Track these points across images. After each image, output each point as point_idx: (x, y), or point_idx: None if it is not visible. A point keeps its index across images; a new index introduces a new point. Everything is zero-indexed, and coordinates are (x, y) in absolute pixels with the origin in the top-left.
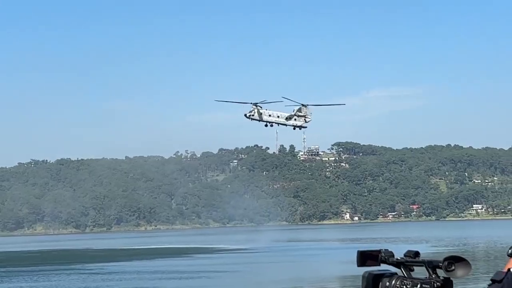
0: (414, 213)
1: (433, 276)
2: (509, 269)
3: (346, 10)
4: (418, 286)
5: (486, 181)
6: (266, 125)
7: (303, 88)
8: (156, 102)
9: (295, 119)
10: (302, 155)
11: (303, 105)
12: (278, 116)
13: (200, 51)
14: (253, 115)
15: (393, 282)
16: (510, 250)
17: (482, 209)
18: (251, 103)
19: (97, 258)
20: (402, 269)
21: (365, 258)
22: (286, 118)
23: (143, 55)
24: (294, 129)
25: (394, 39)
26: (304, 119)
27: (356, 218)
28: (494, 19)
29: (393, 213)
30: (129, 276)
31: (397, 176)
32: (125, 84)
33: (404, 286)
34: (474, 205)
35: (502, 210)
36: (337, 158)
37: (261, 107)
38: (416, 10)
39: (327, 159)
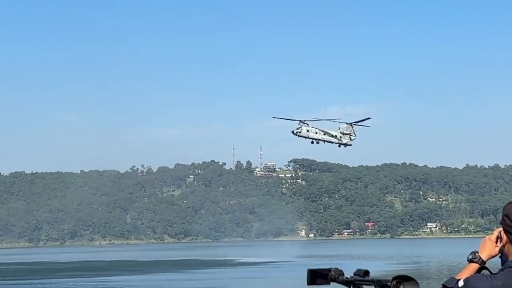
0: (369, 230)
1: None
2: (459, 280)
3: (307, 25)
4: None
5: (440, 199)
6: (312, 142)
7: (265, 105)
8: (113, 115)
9: (340, 137)
10: (258, 171)
11: (348, 123)
12: (324, 134)
13: (159, 65)
14: (300, 132)
15: None
16: (470, 256)
17: (436, 227)
18: (299, 121)
19: (63, 272)
20: None
21: (315, 276)
22: (332, 136)
23: (100, 67)
24: (339, 146)
25: (352, 57)
26: (349, 137)
27: (312, 235)
28: (448, 39)
29: (348, 230)
30: None
31: (352, 194)
32: (81, 96)
33: None
34: (428, 224)
35: (456, 229)
36: (293, 175)
37: (307, 125)
38: (374, 30)
39: (283, 175)
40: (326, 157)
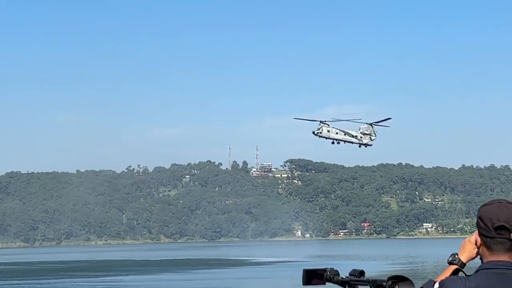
0: (365, 230)
1: None
2: (435, 282)
3: (305, 25)
4: None
5: (436, 200)
6: (332, 142)
7: (261, 105)
8: (109, 115)
9: (361, 137)
10: (254, 171)
11: (368, 124)
12: (344, 134)
13: (155, 65)
14: (320, 133)
15: None
16: (450, 258)
17: (432, 227)
18: (319, 121)
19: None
20: None
21: (310, 276)
22: (352, 136)
23: (97, 67)
24: (359, 146)
25: (348, 57)
26: (370, 137)
27: (308, 235)
28: (446, 40)
29: (344, 231)
30: None
31: (348, 194)
32: (78, 96)
33: None
34: (424, 224)
35: (452, 229)
36: (289, 175)
37: (328, 125)
38: (372, 29)
39: (279, 175)
40: (322, 157)
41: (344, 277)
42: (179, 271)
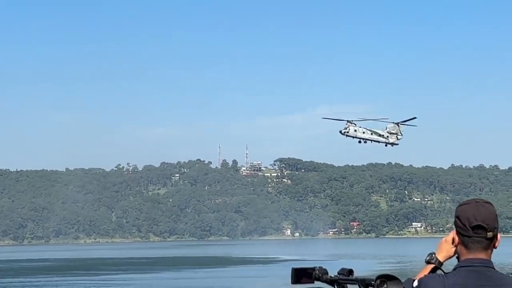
0: (354, 230)
1: None
2: (414, 280)
3: (296, 24)
4: None
5: (426, 199)
6: (359, 142)
7: (251, 104)
8: (99, 114)
9: (387, 137)
10: (244, 170)
11: (395, 123)
12: (371, 133)
13: (145, 64)
14: (347, 132)
15: None
16: (427, 257)
17: (421, 227)
18: (346, 121)
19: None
20: (336, 287)
21: (299, 275)
22: (379, 135)
23: (86, 66)
24: (386, 145)
25: (342, 57)
26: (396, 137)
27: (297, 234)
28: (446, 40)
29: (333, 230)
30: None
31: (338, 193)
32: (67, 95)
33: None
34: (413, 223)
35: (441, 229)
36: (279, 174)
37: (355, 124)
38: (364, 30)
39: (269, 174)
40: (312, 157)
41: (333, 276)
42: (171, 269)
